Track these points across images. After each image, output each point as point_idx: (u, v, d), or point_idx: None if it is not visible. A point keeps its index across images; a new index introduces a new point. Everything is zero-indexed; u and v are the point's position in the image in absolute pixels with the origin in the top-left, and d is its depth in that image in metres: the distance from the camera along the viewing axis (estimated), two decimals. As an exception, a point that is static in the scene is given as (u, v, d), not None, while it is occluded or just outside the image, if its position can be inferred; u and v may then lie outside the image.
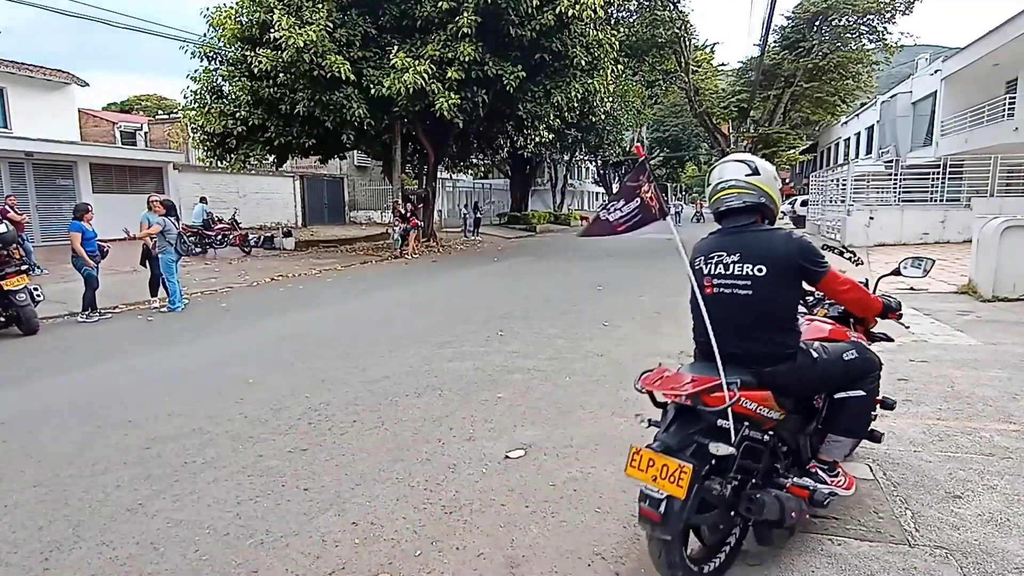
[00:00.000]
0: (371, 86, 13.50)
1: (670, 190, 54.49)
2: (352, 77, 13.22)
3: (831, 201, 19.54)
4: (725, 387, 2.03)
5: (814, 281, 2.25)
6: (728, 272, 2.22)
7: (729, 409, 2.03)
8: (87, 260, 7.83)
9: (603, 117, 20.70)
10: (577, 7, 12.95)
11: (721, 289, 2.24)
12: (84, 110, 28.06)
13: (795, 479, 2.34)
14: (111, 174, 18.60)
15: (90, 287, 7.88)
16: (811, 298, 2.98)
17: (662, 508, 1.96)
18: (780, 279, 2.17)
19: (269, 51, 13.27)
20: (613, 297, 9.02)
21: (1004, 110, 17.15)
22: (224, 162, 16.83)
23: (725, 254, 2.24)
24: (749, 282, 2.18)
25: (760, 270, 2.16)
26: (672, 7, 17.72)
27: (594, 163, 47.19)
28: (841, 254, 3.31)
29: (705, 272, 2.28)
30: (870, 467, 3.05)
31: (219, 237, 16.11)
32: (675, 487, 1.93)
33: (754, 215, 2.30)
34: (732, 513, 2.16)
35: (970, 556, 2.30)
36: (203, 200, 16.62)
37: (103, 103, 45.43)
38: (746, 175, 2.29)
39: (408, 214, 15.21)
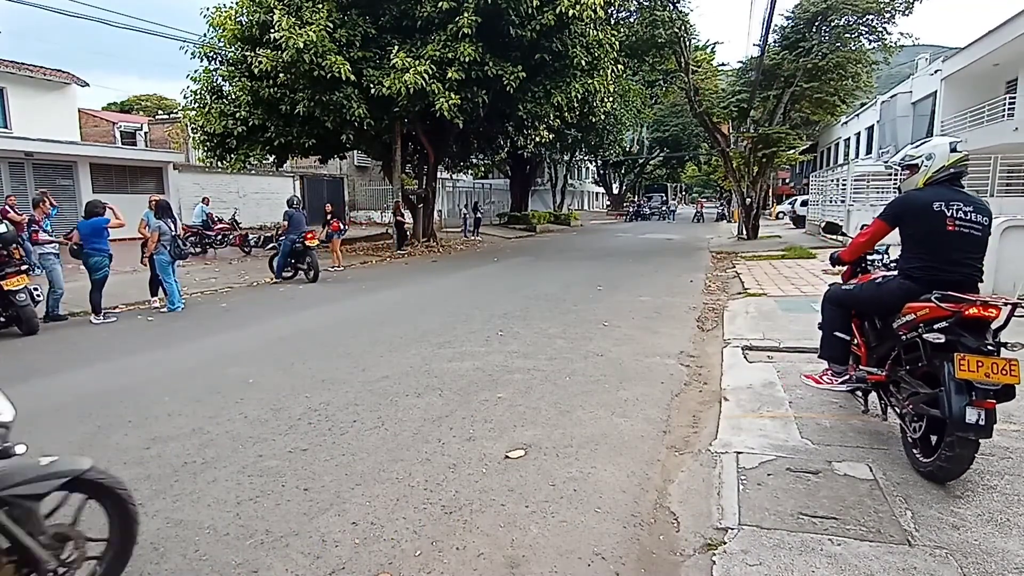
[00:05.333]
0: (371, 86, 13.48)
1: (670, 190, 54.50)
2: (352, 77, 13.21)
3: (831, 201, 19.53)
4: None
5: None
6: (967, 218, 2.95)
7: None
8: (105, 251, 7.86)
9: (603, 117, 20.65)
10: (577, 7, 12.93)
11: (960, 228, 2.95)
12: (84, 110, 28.06)
13: None
14: (111, 174, 18.62)
15: (97, 289, 7.82)
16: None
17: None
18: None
19: (269, 51, 13.25)
20: (613, 297, 9.02)
21: (1004, 110, 17.15)
22: (224, 162, 16.82)
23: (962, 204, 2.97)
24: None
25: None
26: (672, 7, 17.68)
27: (594, 163, 47.21)
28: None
29: (947, 214, 2.95)
30: (870, 467, 3.05)
31: (219, 237, 16.12)
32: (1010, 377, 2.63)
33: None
34: None
35: (970, 556, 2.30)
36: (205, 201, 16.64)
37: (103, 103, 45.49)
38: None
39: (330, 217, 14.01)
